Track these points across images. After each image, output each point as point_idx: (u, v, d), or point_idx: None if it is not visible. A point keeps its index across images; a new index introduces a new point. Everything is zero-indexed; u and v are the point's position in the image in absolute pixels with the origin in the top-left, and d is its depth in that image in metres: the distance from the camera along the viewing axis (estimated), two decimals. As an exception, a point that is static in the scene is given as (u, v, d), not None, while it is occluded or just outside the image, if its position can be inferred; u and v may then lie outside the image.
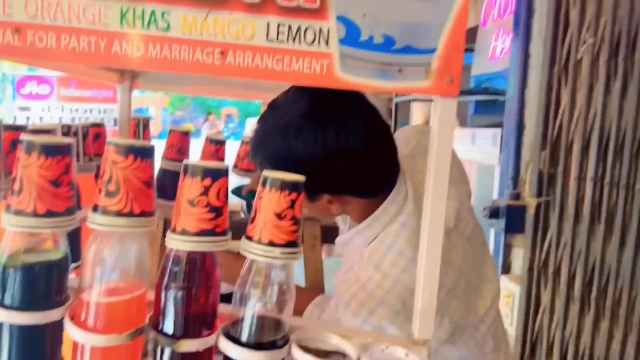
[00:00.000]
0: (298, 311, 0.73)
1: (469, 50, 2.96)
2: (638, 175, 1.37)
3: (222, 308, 0.51)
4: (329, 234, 1.15)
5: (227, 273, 0.54)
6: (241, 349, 0.46)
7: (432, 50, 0.52)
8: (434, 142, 0.53)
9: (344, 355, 0.55)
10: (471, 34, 2.78)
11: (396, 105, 4.37)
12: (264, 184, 0.47)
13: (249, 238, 0.47)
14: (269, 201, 0.47)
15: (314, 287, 1.10)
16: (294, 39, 0.49)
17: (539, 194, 1.82)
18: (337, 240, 0.86)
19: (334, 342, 0.55)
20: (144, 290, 0.46)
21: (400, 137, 0.83)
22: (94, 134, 0.81)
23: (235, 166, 1.17)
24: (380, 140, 0.76)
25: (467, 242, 0.82)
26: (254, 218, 0.48)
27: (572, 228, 1.66)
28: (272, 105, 0.77)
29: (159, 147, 1.00)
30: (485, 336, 0.82)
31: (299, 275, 1.20)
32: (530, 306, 1.88)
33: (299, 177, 0.48)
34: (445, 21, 0.52)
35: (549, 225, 1.80)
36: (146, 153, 0.44)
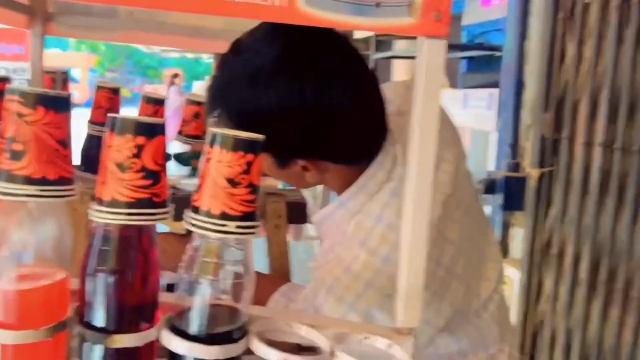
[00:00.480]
0: (260, 302, 0.73)
1: (460, -5, 2.97)
2: (653, 138, 1.43)
3: (166, 297, 0.50)
4: (296, 212, 1.15)
5: (172, 260, 0.53)
6: (189, 344, 0.45)
7: (416, -20, 0.51)
8: (419, 93, 0.53)
9: (315, 349, 0.55)
10: (463, -24, 2.80)
11: (375, 62, 4.39)
12: (212, 143, 0.46)
13: (196, 209, 0.46)
14: (220, 164, 0.45)
15: (280, 274, 1.10)
16: (246, -36, 0.48)
17: (542, 163, 1.87)
18: (314, 218, 0.85)
19: (303, 333, 0.54)
20: (66, 276, 0.44)
21: (384, 94, 0.83)
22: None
23: (179, 132, 1.15)
24: (368, 93, 0.75)
25: (466, 213, 0.83)
26: (201, 185, 0.46)
27: (578, 202, 1.72)
28: (236, 48, 0.74)
29: (86, 116, 0.97)
30: (490, 324, 0.84)
31: (261, 261, 1.19)
32: (531, 293, 1.94)
33: (256, 135, 0.46)
34: (432, -57, 0.51)
35: (552, 199, 1.85)
36: (61, 104, 0.42)
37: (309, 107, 0.70)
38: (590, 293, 1.70)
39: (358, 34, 3.74)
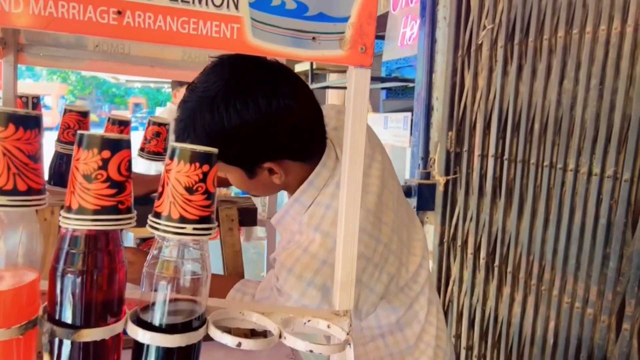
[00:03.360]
0: (219, 297, 0.71)
1: (380, 37, 3.04)
2: (532, 151, 1.50)
3: (131, 293, 0.47)
4: (247, 217, 1.12)
5: (138, 272, 0.50)
6: (152, 334, 0.43)
7: (346, 19, 0.51)
8: (349, 112, 0.53)
9: (266, 333, 0.53)
10: (382, 21, 2.85)
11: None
12: (172, 156, 0.44)
13: (157, 215, 0.44)
14: (179, 174, 0.43)
15: (234, 272, 1.07)
16: (200, 1, 0.46)
17: (447, 172, 1.93)
18: (273, 219, 0.84)
19: (254, 319, 0.53)
20: (35, 278, 0.41)
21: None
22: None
23: (142, 149, 1.10)
24: (307, 95, 0.76)
25: (397, 202, 0.85)
26: (162, 193, 0.44)
27: (477, 202, 1.78)
28: (191, 87, 0.74)
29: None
30: (419, 298, 0.85)
31: (217, 261, 1.16)
32: (442, 277, 1.99)
33: (211, 149, 0.45)
34: (358, -11, 0.51)
35: (456, 201, 1.90)
36: (30, 123, 0.39)
37: (264, 114, 0.69)
38: (487, 276, 1.75)
39: (297, 68, 3.75)
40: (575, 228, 1.32)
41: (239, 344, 0.46)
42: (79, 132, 0.41)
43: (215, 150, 0.45)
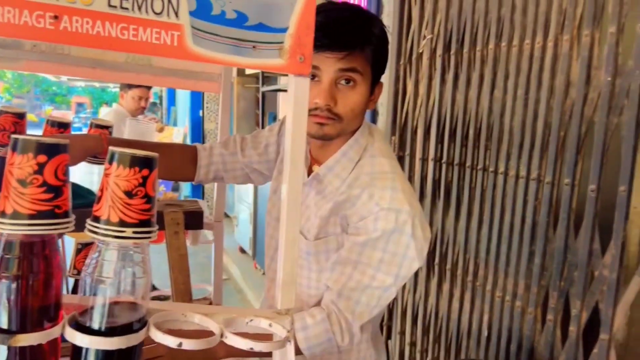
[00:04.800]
0: None
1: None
2: (468, 155, 1.58)
3: (69, 298, 0.47)
4: (193, 220, 1.12)
5: None
6: (91, 337, 0.43)
7: (284, 29, 0.53)
8: (289, 118, 0.55)
9: (208, 333, 0.54)
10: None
11: (263, 94, 4.39)
12: (110, 160, 0.44)
13: (96, 218, 0.44)
14: (118, 178, 0.44)
15: (180, 276, 1.06)
16: (139, 8, 0.47)
17: (391, 175, 1.98)
18: (320, 171, 0.88)
19: (197, 320, 0.53)
20: (-33, 284, 0.40)
21: None
22: None
23: (85, 153, 1.07)
24: None
25: None
26: (101, 197, 0.44)
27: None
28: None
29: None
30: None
31: (163, 264, 1.14)
32: (386, 277, 2.04)
33: (151, 153, 0.45)
34: (296, 1, 0.53)
35: (399, 202, 1.96)
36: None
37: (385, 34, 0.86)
38: (429, 274, 1.82)
39: (249, 70, 3.73)
40: (505, 228, 1.41)
41: (180, 344, 0.47)
42: (13, 136, 0.40)
43: (155, 154, 0.46)
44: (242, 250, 4.35)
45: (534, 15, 1.30)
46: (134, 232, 0.44)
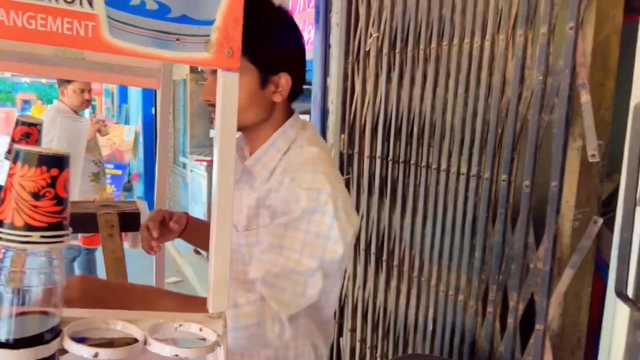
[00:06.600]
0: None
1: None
2: (412, 152, 1.61)
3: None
4: (129, 222, 1.08)
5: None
6: (-6, 351, 0.39)
7: (210, 22, 0.51)
8: (219, 113, 0.53)
9: (135, 340, 0.52)
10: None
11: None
12: (15, 159, 0.41)
13: (0, 222, 0.40)
14: (23, 179, 0.41)
15: (118, 279, 1.02)
16: (48, -5, 0.44)
17: (341, 173, 2.00)
18: (248, 162, 0.89)
19: (119, 328, 0.51)
20: None
21: None
22: None
23: (9, 152, 1.00)
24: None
25: None
26: (4, 199, 0.41)
27: (367, 201, 1.87)
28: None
29: None
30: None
31: (100, 267, 1.09)
32: (336, 275, 2.05)
33: (61, 151, 0.42)
34: (222, -7, 0.51)
35: (348, 200, 1.97)
36: None
37: (294, 26, 0.86)
38: (377, 270, 1.85)
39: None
40: (448, 223, 1.45)
41: (96, 354, 0.44)
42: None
43: (67, 152, 0.43)
44: (197, 252, 4.26)
45: (472, 14, 1.34)
46: (42, 237, 0.41)
